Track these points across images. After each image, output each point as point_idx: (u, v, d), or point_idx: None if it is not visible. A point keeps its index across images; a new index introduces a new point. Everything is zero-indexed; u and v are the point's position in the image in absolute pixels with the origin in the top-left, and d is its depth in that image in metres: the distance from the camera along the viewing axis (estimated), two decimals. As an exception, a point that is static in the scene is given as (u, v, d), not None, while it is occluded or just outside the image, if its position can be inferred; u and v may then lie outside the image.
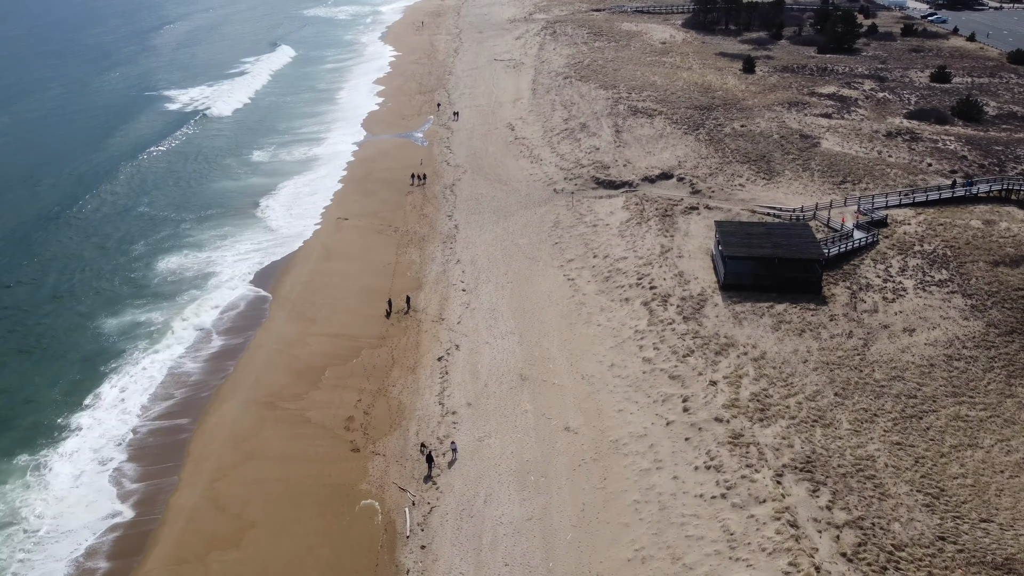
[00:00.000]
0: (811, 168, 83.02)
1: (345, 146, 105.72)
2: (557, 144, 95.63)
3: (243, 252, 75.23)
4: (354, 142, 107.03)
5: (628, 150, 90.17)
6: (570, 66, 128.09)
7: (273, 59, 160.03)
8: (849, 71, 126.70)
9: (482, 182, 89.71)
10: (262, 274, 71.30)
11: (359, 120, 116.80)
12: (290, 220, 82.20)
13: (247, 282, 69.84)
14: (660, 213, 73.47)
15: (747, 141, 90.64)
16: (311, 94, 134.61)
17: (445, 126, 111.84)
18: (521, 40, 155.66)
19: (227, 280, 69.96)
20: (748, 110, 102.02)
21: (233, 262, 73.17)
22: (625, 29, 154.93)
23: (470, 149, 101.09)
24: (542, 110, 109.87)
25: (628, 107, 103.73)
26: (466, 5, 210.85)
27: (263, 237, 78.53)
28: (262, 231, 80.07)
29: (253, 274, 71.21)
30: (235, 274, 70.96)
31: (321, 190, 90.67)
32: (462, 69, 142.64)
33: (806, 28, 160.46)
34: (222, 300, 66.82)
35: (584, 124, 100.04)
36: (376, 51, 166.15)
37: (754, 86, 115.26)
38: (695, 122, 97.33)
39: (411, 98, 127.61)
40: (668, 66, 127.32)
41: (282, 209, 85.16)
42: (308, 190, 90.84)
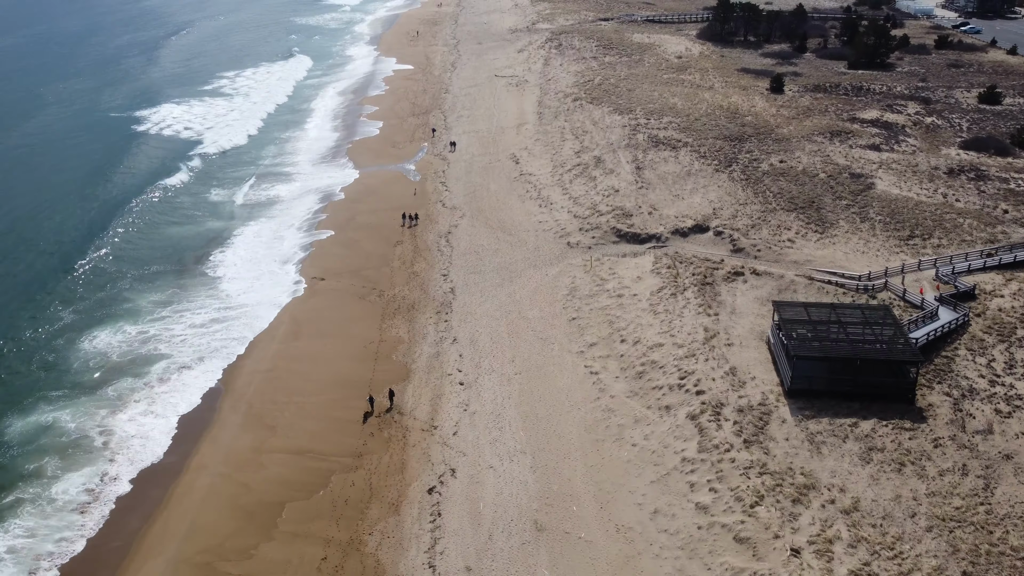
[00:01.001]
0: (870, 218, 69.98)
1: (326, 181, 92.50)
2: (569, 183, 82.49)
3: (190, 326, 62.01)
4: (337, 177, 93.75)
5: (652, 192, 77.05)
6: (579, 85, 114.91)
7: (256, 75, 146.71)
8: (887, 91, 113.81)
9: (483, 230, 76.58)
10: (212, 357, 58.17)
11: (343, 149, 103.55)
12: (253, 281, 69.02)
13: (192, 368, 56.70)
14: (698, 280, 60.38)
15: (790, 181, 77.61)
16: (289, 115, 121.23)
17: (440, 156, 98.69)
18: (524, 53, 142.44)
19: (167, 366, 56.81)
20: (785, 141, 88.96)
21: (176, 340, 59.98)
22: (637, 41, 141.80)
23: (469, 186, 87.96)
24: (550, 139, 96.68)
25: (648, 137, 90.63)
26: (464, 13, 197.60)
27: (217, 304, 65.30)
28: (216, 296, 66.86)
29: (201, 357, 58.09)
30: (178, 358, 57.80)
31: (293, 239, 77.48)
32: (460, 86, 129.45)
33: (831, 40, 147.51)
34: (158, 395, 53.72)
35: (599, 158, 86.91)
36: (365, 65, 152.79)
37: (786, 109, 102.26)
38: (726, 156, 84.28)
39: (403, 121, 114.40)
40: (688, 85, 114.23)
41: (244, 266, 71.89)
42: (277, 239, 77.62)
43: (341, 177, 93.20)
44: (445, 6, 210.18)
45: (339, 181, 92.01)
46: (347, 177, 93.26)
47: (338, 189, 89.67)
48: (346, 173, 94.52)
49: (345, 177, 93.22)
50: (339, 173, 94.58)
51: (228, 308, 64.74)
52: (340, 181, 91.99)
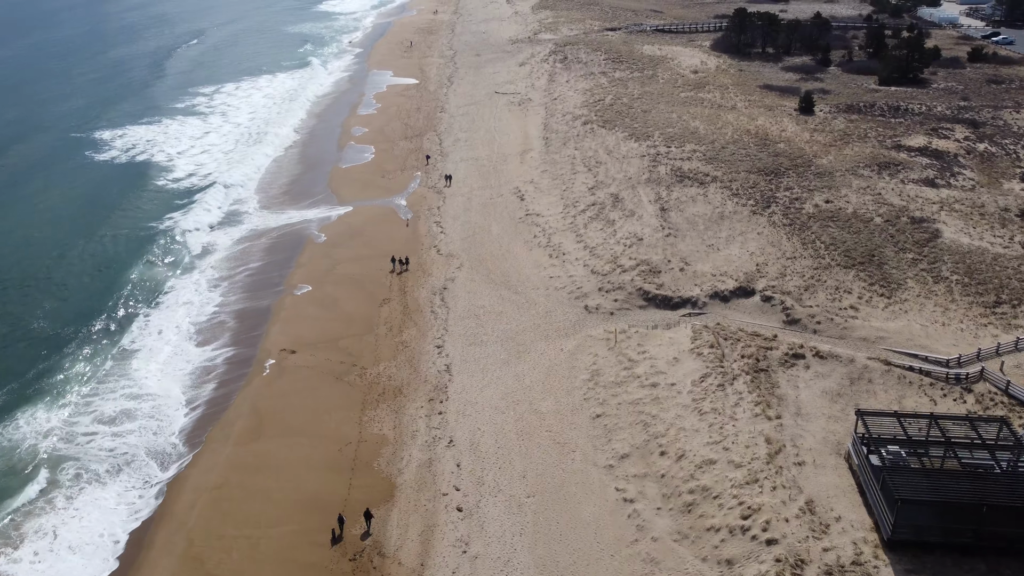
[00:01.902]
0: (944, 277, 58.41)
1: (304, 219, 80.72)
2: (584, 228, 70.79)
3: (112, 418, 50.23)
4: (317, 214, 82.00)
5: (682, 242, 65.40)
6: (589, 105, 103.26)
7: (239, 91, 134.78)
8: (927, 111, 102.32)
9: (483, 285, 64.90)
10: (144, 470, 46.42)
11: (325, 179, 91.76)
12: (200, 354, 57.29)
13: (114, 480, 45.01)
14: (750, 366, 48.74)
15: (841, 228, 66.04)
16: (269, 137, 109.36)
17: (435, 189, 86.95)
18: (526, 67, 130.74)
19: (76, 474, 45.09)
20: (827, 175, 77.38)
21: (91, 439, 48.23)
22: (648, 54, 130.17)
23: (467, 227, 76.25)
24: (559, 170, 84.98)
25: (671, 170, 79.02)
26: (461, 20, 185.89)
27: (151, 391, 53.54)
28: (148, 378, 55.14)
29: (127, 463, 46.39)
30: (92, 464, 46.08)
31: (263, 296, 65.74)
32: (457, 104, 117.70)
33: (856, 52, 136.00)
34: (60, 524, 41.99)
35: (616, 196, 75.24)
36: (355, 79, 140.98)
37: (820, 134, 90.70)
38: (763, 194, 72.73)
39: (394, 145, 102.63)
40: (708, 104, 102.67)
41: (191, 335, 60.16)
42: (245, 296, 65.89)
43: (322, 215, 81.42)
44: (441, 13, 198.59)
45: (319, 220, 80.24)
46: (329, 214, 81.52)
47: (317, 229, 77.89)
48: (327, 210, 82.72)
49: (326, 215, 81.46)
50: (319, 210, 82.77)
51: (166, 399, 52.92)
52: (320, 220, 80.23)
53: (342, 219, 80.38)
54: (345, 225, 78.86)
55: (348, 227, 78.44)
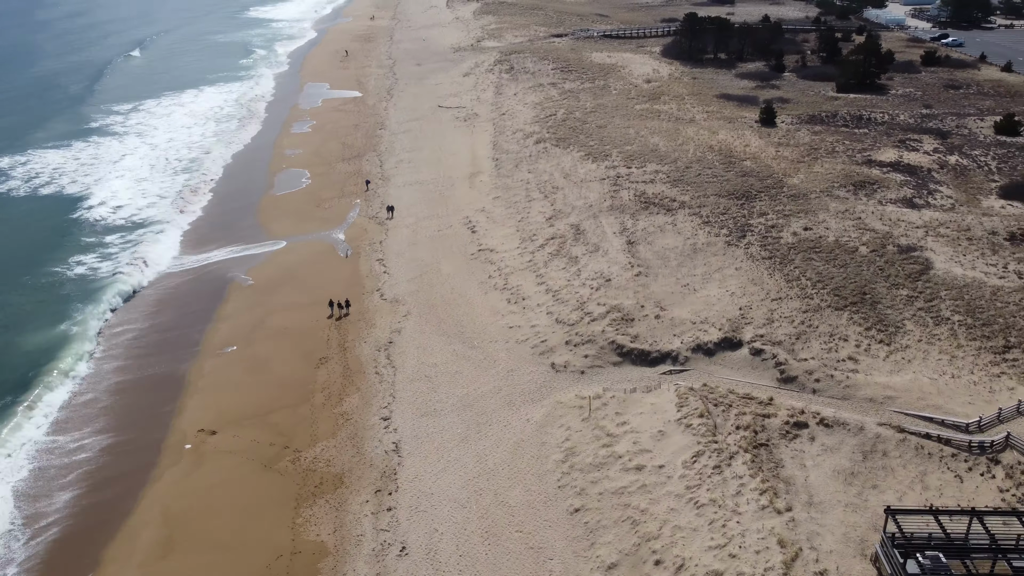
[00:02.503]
0: (945, 318, 52.65)
1: (229, 259, 71.74)
2: (544, 266, 63.45)
3: None
4: (244, 252, 73.07)
5: (655, 282, 58.53)
6: (540, 121, 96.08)
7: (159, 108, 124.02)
8: (891, 120, 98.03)
9: (435, 338, 57.07)
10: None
11: (254, 210, 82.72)
12: (78, 443, 48.23)
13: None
14: (747, 440, 41.97)
15: (826, 260, 60.00)
16: (189, 163, 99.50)
17: (377, 219, 78.74)
18: (471, 78, 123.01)
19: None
20: (802, 197, 71.55)
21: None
22: (598, 62, 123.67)
23: (414, 265, 68.32)
24: (513, 197, 77.55)
25: (635, 195, 72.34)
26: (400, 27, 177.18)
27: (20, 506, 44.42)
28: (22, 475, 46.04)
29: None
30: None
31: (178, 359, 56.79)
32: (398, 120, 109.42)
33: (809, 57, 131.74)
34: None
35: (578, 227, 68.14)
36: (287, 93, 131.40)
37: (787, 149, 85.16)
38: (736, 221, 66.49)
39: (331, 168, 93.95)
40: (665, 117, 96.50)
41: (69, 420, 50.98)
42: (154, 360, 56.81)
43: (250, 253, 72.53)
44: (378, 19, 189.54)
45: (247, 260, 71.36)
46: (258, 253, 72.66)
47: (244, 272, 69.00)
48: (256, 247, 73.85)
49: (255, 253, 72.60)
50: (247, 247, 73.84)
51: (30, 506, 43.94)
52: (248, 260, 71.35)
53: (273, 258, 71.61)
54: (276, 266, 70.12)
55: (280, 268, 69.73)
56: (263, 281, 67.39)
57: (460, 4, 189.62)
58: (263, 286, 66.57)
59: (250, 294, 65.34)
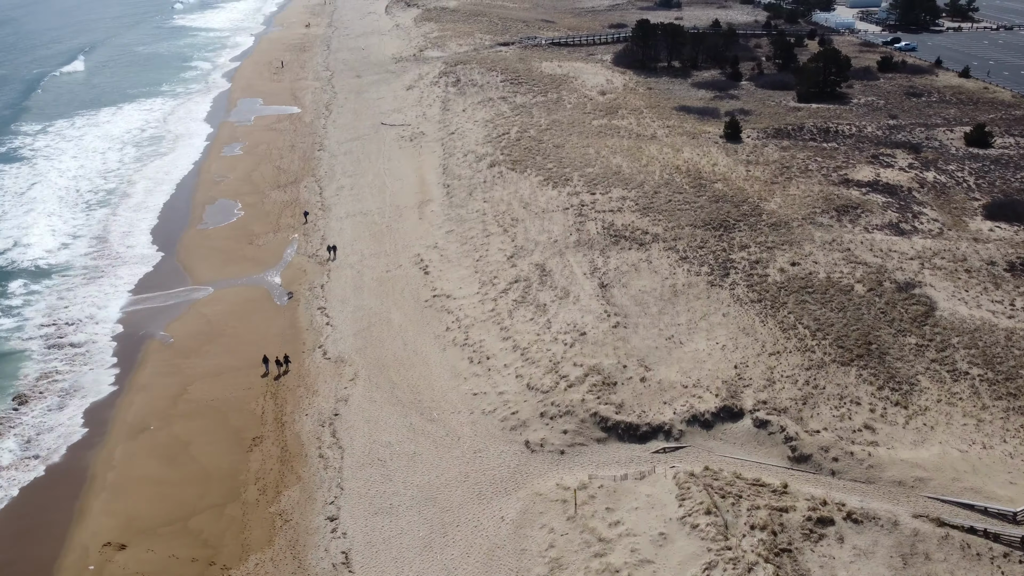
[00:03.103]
0: (961, 370, 46.86)
1: (142, 308, 62.39)
2: (509, 316, 55.90)
3: None
4: (162, 303, 63.82)
5: (635, 334, 51.52)
6: (493, 141, 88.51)
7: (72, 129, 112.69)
8: (858, 132, 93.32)
9: (388, 409, 49.06)
10: None
11: (173, 249, 73.21)
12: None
13: None
14: (766, 545, 35.09)
15: (820, 302, 53.86)
16: (102, 192, 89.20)
17: (317, 258, 70.21)
18: (415, 92, 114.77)
19: None
20: (783, 226, 65.53)
21: None
22: (549, 72, 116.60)
23: (360, 315, 60.08)
24: (468, 231, 69.81)
25: (602, 226, 65.41)
26: (337, 35, 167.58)
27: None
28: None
29: None
30: None
31: (72, 448, 47.63)
32: (337, 140, 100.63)
33: (765, 63, 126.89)
34: None
35: (543, 268, 60.80)
36: (215, 109, 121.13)
37: (757, 168, 79.36)
38: (716, 256, 60.05)
39: (264, 197, 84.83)
40: (625, 134, 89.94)
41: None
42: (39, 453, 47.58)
43: (170, 304, 63.35)
44: (314, 27, 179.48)
45: (166, 312, 62.20)
46: (180, 303, 63.51)
47: (163, 328, 59.85)
48: (178, 296, 64.66)
49: (176, 303, 63.43)
50: (166, 297, 64.61)
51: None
52: (168, 312, 62.20)
53: (198, 309, 62.54)
54: (202, 319, 61.10)
55: (206, 321, 60.74)
56: (186, 339, 58.35)
57: (399, 10, 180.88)
58: (186, 345, 57.56)
59: (170, 356, 56.28)
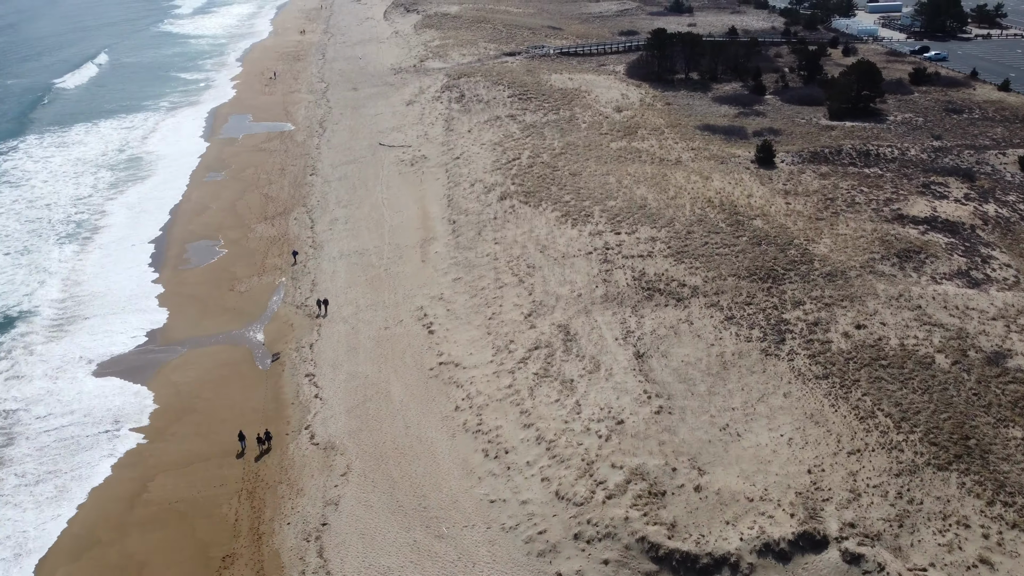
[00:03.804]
0: (1084, 475, 38.19)
1: (100, 388, 53.54)
2: (530, 396, 47.15)
3: None
4: (124, 367, 54.98)
5: (684, 423, 42.83)
6: (503, 168, 79.81)
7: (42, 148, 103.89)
8: (901, 156, 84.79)
9: (387, 517, 40.34)
10: None
11: (142, 297, 64.39)
12: None
13: None
14: None
15: (899, 380, 45.22)
16: (73, 224, 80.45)
17: (306, 309, 61.41)
18: (416, 107, 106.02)
19: None
20: (839, 275, 56.86)
21: None
22: (559, 86, 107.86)
23: (354, 385, 51.32)
24: (478, 280, 61.05)
25: (632, 276, 56.75)
26: (333, 43, 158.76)
27: None
28: None
29: None
30: None
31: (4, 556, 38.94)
32: (331, 163, 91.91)
33: (789, 76, 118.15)
34: None
35: (567, 330, 52.09)
36: (201, 126, 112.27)
37: (797, 200, 70.83)
38: (767, 316, 51.48)
39: (249, 231, 76.08)
40: (647, 158, 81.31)
41: None
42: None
43: (134, 367, 54.51)
44: (309, 34, 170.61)
45: (133, 375, 53.41)
46: (146, 365, 54.71)
47: (129, 403, 51.01)
48: (143, 355, 55.85)
49: (140, 366, 54.61)
50: (129, 360, 55.76)
51: None
52: (134, 376, 53.41)
53: (166, 376, 53.78)
54: (170, 389, 52.33)
55: (174, 392, 51.98)
56: (150, 416, 49.56)
57: (399, 16, 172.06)
58: (150, 425, 48.81)
59: (129, 441, 47.49)
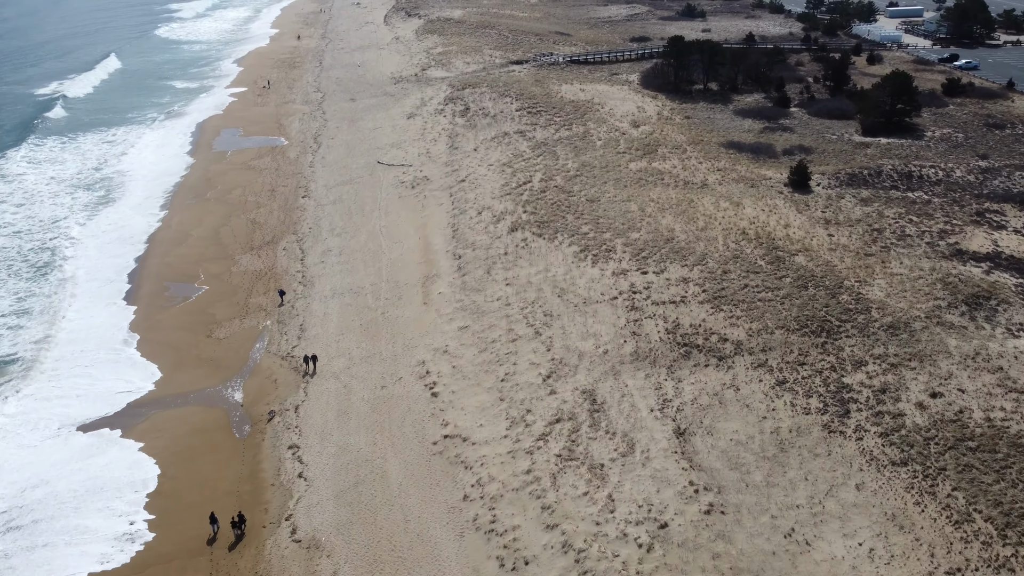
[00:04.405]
0: None
1: (54, 454, 46.08)
2: (552, 487, 39.53)
3: None
4: (85, 439, 47.46)
5: (740, 526, 35.32)
6: (513, 193, 72.31)
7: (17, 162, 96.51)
8: (946, 177, 77.34)
9: (381, 647, 32.75)
10: None
11: (110, 350, 56.78)
12: None
13: None
14: None
15: (992, 469, 37.80)
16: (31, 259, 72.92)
17: (292, 361, 53.80)
18: (417, 121, 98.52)
19: None
20: (902, 328, 49.30)
21: None
22: (570, 98, 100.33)
23: (346, 461, 43.78)
24: (488, 330, 53.39)
25: (664, 328, 49.27)
26: (331, 49, 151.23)
27: None
28: None
29: None
30: None
31: None
32: (326, 184, 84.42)
33: (814, 86, 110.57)
34: None
35: (593, 396, 44.54)
36: (187, 138, 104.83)
37: (840, 231, 63.33)
38: (825, 380, 44.04)
39: (233, 264, 68.53)
40: (670, 181, 73.83)
41: None
42: None
43: (88, 445, 46.94)
44: (305, 39, 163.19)
45: (85, 450, 45.85)
46: (104, 436, 47.12)
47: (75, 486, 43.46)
48: (104, 422, 48.28)
49: (100, 438, 47.03)
50: (100, 423, 48.23)
51: None
52: (87, 450, 45.85)
53: (126, 447, 46.18)
54: (127, 470, 44.73)
55: (135, 473, 44.38)
56: (106, 501, 42.04)
57: (400, 21, 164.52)
58: (105, 512, 41.24)
59: (80, 535, 39.98)
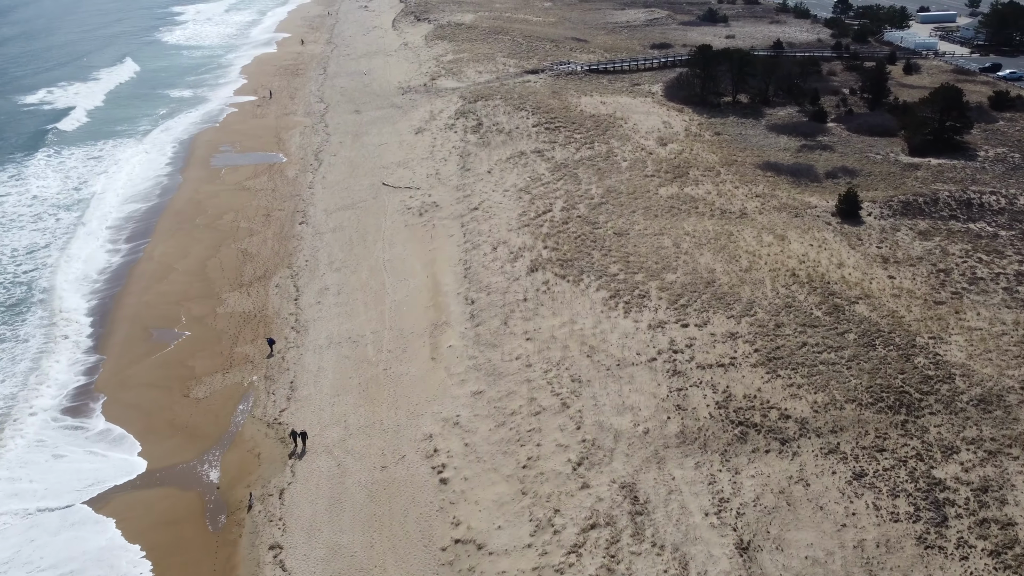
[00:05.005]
0: None
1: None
2: (587, 619, 31.94)
3: None
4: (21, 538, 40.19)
5: None
6: (531, 225, 64.68)
7: None
8: (1010, 205, 69.73)
9: None
10: None
11: (75, 405, 49.40)
12: None
13: None
14: None
15: None
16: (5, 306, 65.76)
17: (279, 430, 46.26)
18: (426, 137, 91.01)
19: None
20: (995, 403, 41.62)
21: None
22: (591, 112, 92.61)
23: (338, 571, 36.24)
24: (506, 399, 45.72)
25: (714, 401, 41.60)
26: (336, 55, 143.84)
27: None
28: None
29: None
30: None
31: None
32: (325, 209, 76.99)
33: (851, 99, 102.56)
34: None
35: (634, 494, 36.94)
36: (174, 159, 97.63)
37: (902, 271, 55.62)
38: (909, 471, 36.52)
39: (219, 305, 61.07)
40: (705, 210, 66.16)
41: None
42: None
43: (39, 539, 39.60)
44: (310, 44, 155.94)
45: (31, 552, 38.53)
46: (58, 527, 39.78)
47: (23, 591, 36.10)
48: (60, 515, 40.92)
49: (52, 532, 39.69)
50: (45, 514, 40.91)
51: None
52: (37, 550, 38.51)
53: (78, 546, 38.79)
54: (90, 566, 37.35)
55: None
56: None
57: (408, 26, 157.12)
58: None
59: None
